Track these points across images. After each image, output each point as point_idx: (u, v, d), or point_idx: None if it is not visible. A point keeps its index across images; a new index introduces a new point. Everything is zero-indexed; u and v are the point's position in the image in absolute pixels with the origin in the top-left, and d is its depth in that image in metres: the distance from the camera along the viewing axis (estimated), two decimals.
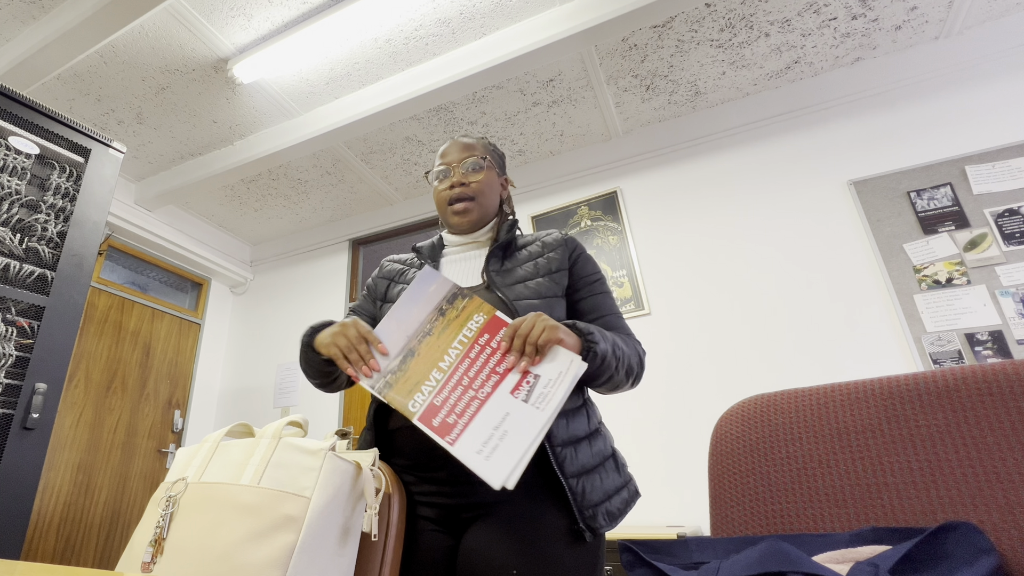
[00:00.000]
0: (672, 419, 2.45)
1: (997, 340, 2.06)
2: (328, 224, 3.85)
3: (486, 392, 0.73)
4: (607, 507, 0.80)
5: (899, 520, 0.55)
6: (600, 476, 0.81)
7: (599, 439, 0.86)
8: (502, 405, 0.72)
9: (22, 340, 1.55)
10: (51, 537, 2.61)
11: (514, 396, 0.72)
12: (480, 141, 1.04)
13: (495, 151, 1.07)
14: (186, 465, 0.74)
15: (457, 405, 0.73)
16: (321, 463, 0.67)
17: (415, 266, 1.03)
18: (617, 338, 0.87)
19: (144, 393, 3.19)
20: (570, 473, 0.78)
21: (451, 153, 1.01)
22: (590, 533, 0.77)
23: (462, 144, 1.02)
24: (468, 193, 0.98)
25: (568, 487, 0.77)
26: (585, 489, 0.78)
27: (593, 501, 0.78)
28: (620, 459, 0.88)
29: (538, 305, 0.88)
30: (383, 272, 1.05)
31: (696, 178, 2.84)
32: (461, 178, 0.99)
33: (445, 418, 0.72)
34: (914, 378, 0.60)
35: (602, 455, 0.84)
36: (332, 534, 0.65)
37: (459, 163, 1.00)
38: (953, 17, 2.39)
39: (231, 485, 0.67)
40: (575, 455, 0.80)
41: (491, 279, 0.92)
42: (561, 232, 1.03)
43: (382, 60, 2.49)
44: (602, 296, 0.96)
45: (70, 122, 1.81)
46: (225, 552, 0.60)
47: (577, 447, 0.81)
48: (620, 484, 0.84)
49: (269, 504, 0.63)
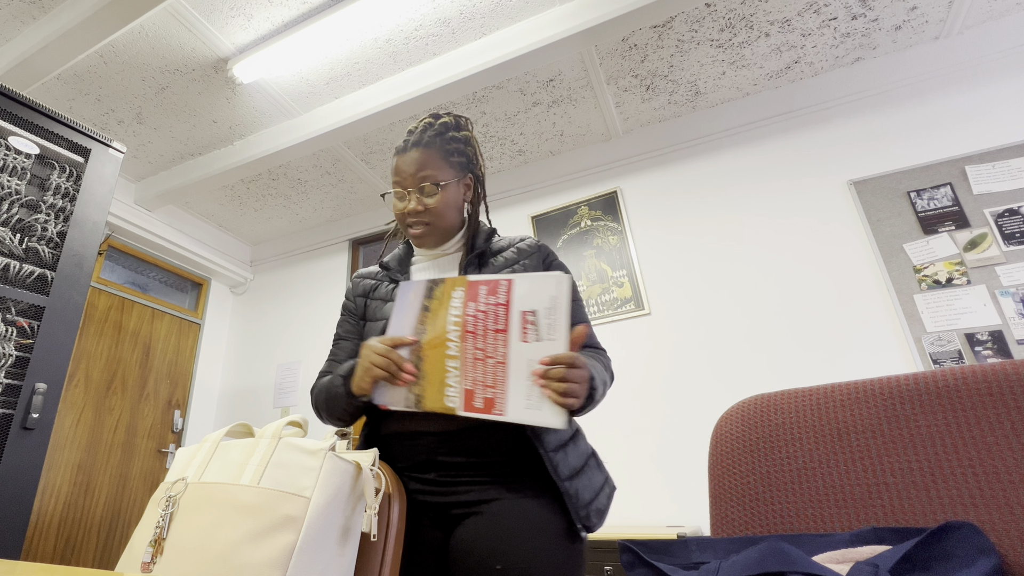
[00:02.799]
0: (672, 419, 2.45)
1: (997, 340, 2.06)
2: (328, 224, 3.85)
3: (502, 353, 0.74)
4: (596, 505, 0.83)
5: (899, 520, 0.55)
6: (587, 476, 0.84)
7: (581, 439, 0.89)
8: (521, 355, 0.73)
9: (22, 340, 1.55)
10: (51, 537, 2.61)
11: (526, 342, 0.73)
12: (435, 143, 0.94)
13: (454, 149, 0.96)
14: (186, 465, 0.74)
15: (487, 379, 0.74)
16: (321, 463, 0.67)
17: (385, 280, 1.00)
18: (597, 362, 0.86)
19: (144, 393, 3.19)
20: (564, 476, 0.80)
21: (403, 172, 0.93)
22: (587, 532, 0.80)
23: (414, 161, 0.92)
24: (424, 219, 0.93)
25: (564, 490, 0.79)
26: (578, 490, 0.81)
27: (586, 500, 0.81)
28: (598, 456, 0.91)
29: None
30: (357, 290, 1.02)
31: (696, 178, 2.84)
32: (416, 205, 0.92)
33: (484, 396, 0.73)
34: (914, 378, 0.60)
35: (585, 455, 0.87)
36: (332, 534, 0.65)
37: (413, 185, 0.92)
38: (953, 17, 2.39)
39: (231, 485, 0.66)
40: (566, 458, 0.82)
41: None
42: (535, 238, 1.01)
43: (382, 60, 2.49)
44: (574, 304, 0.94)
45: (70, 122, 1.81)
46: (225, 552, 0.60)
47: (566, 450, 0.83)
48: (602, 481, 0.87)
49: (269, 504, 0.63)
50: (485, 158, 3.20)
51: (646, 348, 2.63)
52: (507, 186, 3.31)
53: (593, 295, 2.84)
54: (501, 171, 3.34)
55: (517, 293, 0.75)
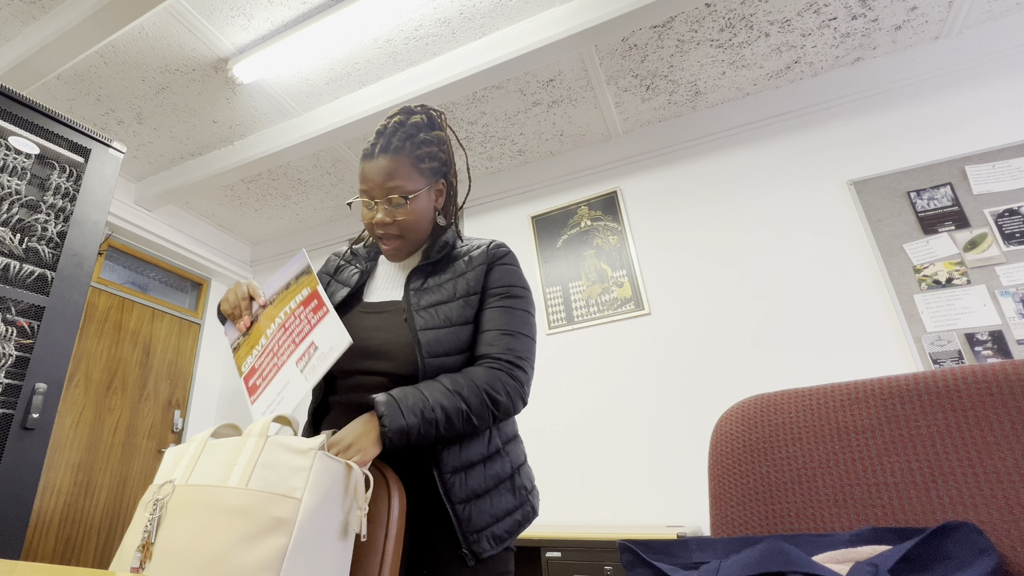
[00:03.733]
0: (672, 419, 2.45)
1: (997, 340, 2.06)
2: (328, 224, 3.85)
3: (283, 360, 0.82)
4: (493, 531, 0.80)
5: (899, 520, 0.55)
6: (491, 499, 0.82)
7: (498, 461, 0.86)
8: (286, 373, 0.80)
9: (22, 340, 1.55)
10: (51, 537, 2.61)
11: (298, 366, 0.80)
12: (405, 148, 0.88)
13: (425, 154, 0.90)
14: (173, 466, 0.73)
15: (264, 370, 0.83)
16: (311, 463, 0.66)
17: (351, 262, 1.02)
18: (441, 393, 0.78)
19: (144, 393, 3.19)
20: (457, 500, 0.79)
21: (371, 180, 0.88)
22: (472, 558, 0.78)
23: (382, 169, 0.87)
24: (393, 231, 0.89)
25: (453, 513, 0.78)
26: (471, 514, 0.79)
27: (478, 526, 0.79)
28: (520, 481, 0.87)
29: (444, 336, 0.85)
30: (326, 267, 1.06)
31: (696, 178, 2.84)
32: (384, 216, 0.88)
33: (256, 381, 0.83)
34: (914, 378, 0.60)
35: (497, 478, 0.84)
36: (325, 535, 0.64)
37: (381, 196, 0.88)
38: (953, 17, 2.39)
39: (219, 488, 0.65)
40: (465, 481, 0.81)
41: (408, 299, 0.89)
42: (493, 243, 0.97)
43: (382, 60, 2.49)
44: (496, 310, 0.89)
45: (70, 122, 1.81)
46: (215, 556, 0.60)
47: (469, 472, 0.82)
48: (512, 507, 0.84)
49: (259, 506, 0.62)
50: (485, 158, 3.20)
51: (646, 348, 2.63)
52: (507, 186, 3.31)
53: (593, 295, 2.84)
54: (501, 171, 3.34)
55: (320, 324, 0.81)
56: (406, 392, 0.78)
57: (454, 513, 0.78)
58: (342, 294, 0.95)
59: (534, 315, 0.95)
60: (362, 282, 0.98)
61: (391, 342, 0.86)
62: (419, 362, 0.83)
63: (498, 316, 0.89)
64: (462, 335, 0.87)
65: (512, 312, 0.90)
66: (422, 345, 0.83)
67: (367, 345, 0.86)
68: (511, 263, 0.96)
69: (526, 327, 0.91)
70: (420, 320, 0.86)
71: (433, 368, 0.83)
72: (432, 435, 0.77)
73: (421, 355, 0.83)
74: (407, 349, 0.84)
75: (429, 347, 0.84)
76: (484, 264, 0.93)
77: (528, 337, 0.90)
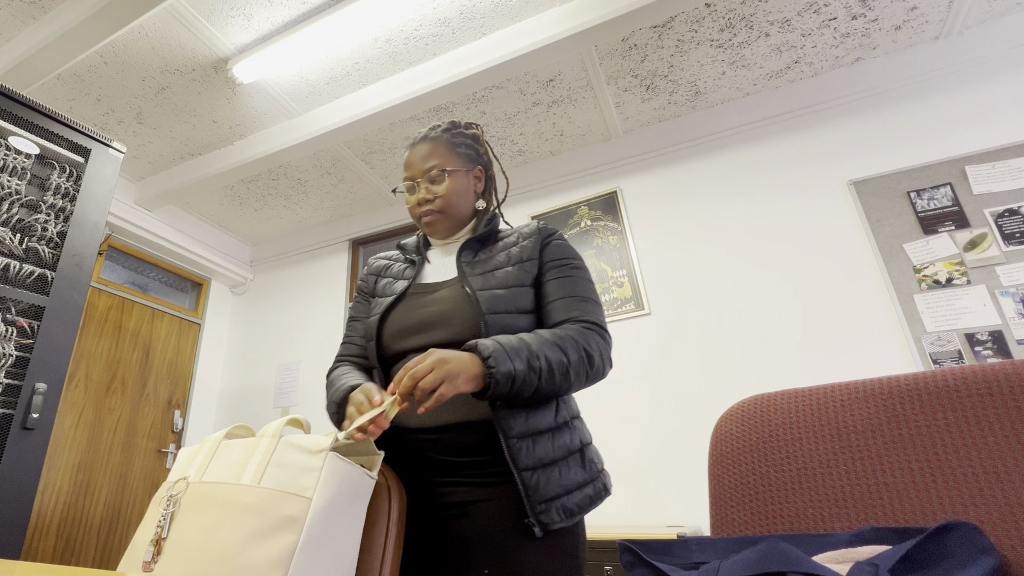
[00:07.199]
0: (672, 419, 2.45)
1: (997, 340, 2.06)
2: (328, 224, 3.85)
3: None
4: (563, 502, 0.77)
5: (899, 520, 0.55)
6: (559, 470, 0.79)
7: (566, 433, 0.83)
8: None
9: (22, 340, 1.55)
10: (51, 537, 2.61)
11: None
12: (442, 137, 0.98)
13: (461, 143, 0.99)
14: (188, 464, 0.74)
15: None
16: (322, 463, 0.66)
17: (400, 260, 1.04)
18: (542, 342, 0.78)
19: (144, 393, 3.19)
20: (524, 466, 0.76)
21: (413, 164, 0.97)
22: (540, 528, 0.74)
23: (422, 152, 0.97)
24: (433, 208, 0.95)
25: (520, 480, 0.75)
26: (540, 482, 0.76)
27: (547, 495, 0.75)
28: (589, 455, 0.85)
29: (502, 295, 0.86)
30: (371, 269, 1.07)
31: (696, 178, 2.84)
32: (426, 194, 0.95)
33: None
34: (914, 378, 0.60)
35: (566, 449, 0.81)
36: (333, 535, 0.65)
37: (422, 175, 0.96)
38: (953, 17, 2.39)
39: (231, 485, 0.66)
40: (532, 448, 0.78)
41: (461, 270, 0.92)
42: (542, 222, 1.01)
43: (382, 60, 2.49)
44: (564, 279, 0.91)
45: (70, 122, 1.81)
46: (225, 552, 0.60)
47: (536, 439, 0.79)
48: (583, 480, 0.81)
49: (270, 504, 0.63)
50: None
51: (646, 348, 2.63)
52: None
53: None
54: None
55: None
56: (506, 338, 0.76)
57: (521, 480, 0.74)
58: (400, 286, 0.96)
59: None
60: (415, 273, 1.00)
61: (447, 310, 0.87)
62: (480, 321, 0.82)
63: (570, 284, 0.90)
64: (520, 297, 0.88)
65: (583, 281, 0.92)
66: (481, 302, 0.84)
67: (421, 319, 0.88)
68: (565, 240, 0.98)
69: (597, 296, 0.93)
70: (476, 282, 0.88)
71: (496, 325, 0.82)
72: (532, 387, 0.75)
73: (481, 312, 0.83)
74: (465, 312, 0.85)
75: (488, 304, 0.84)
76: (536, 239, 0.95)
77: (601, 307, 0.92)
